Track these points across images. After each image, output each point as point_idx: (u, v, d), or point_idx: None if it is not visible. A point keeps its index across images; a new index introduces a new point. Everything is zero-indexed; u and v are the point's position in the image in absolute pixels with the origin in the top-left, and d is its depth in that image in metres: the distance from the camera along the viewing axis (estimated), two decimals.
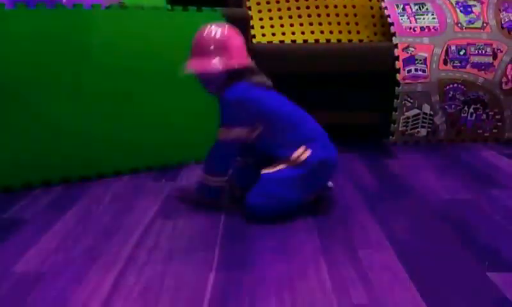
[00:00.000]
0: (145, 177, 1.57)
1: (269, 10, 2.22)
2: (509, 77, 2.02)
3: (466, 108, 2.03)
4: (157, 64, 1.55)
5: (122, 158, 1.57)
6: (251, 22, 2.14)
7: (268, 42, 2.12)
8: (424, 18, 2.08)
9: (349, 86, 2.10)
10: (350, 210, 1.31)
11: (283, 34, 2.15)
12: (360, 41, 2.19)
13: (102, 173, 1.54)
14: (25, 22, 1.35)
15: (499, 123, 2.06)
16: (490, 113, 2.05)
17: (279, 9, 2.22)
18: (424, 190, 1.46)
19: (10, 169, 1.40)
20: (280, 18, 2.20)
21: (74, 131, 1.46)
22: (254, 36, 2.13)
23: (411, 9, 2.11)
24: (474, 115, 2.04)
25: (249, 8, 2.18)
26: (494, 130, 2.07)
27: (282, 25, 2.18)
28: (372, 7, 2.27)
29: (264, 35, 2.15)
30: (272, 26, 2.17)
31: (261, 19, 2.19)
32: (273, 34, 2.15)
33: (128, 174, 1.58)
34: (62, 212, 1.26)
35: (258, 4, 2.21)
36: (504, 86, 2.02)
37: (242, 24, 1.67)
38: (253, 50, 1.94)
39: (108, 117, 1.51)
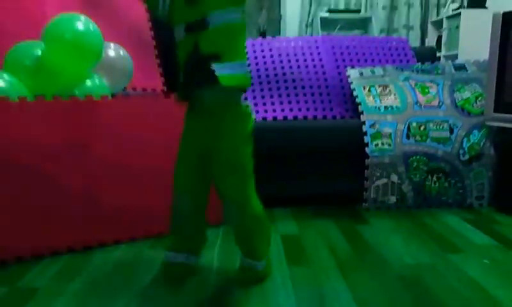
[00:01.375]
0: (142, 245, 1.73)
1: (253, 90, 2.50)
2: (466, 149, 2.29)
3: (429, 177, 2.28)
4: (154, 143, 1.77)
5: (121, 228, 1.74)
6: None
7: None
8: (387, 99, 2.37)
9: (325, 158, 2.33)
10: (324, 275, 1.49)
11: (266, 111, 2.41)
12: (333, 117, 2.46)
13: (103, 242, 1.70)
14: (44, 111, 1.56)
15: (461, 191, 2.30)
16: (452, 181, 2.29)
17: (262, 89, 2.50)
18: (391, 255, 1.65)
19: (22, 240, 1.56)
20: (263, 97, 2.48)
21: (80, 205, 1.64)
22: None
23: (376, 91, 2.41)
24: (437, 183, 2.29)
25: None
26: (457, 197, 2.30)
27: (264, 104, 2.45)
28: (343, 87, 2.57)
29: None
30: (255, 104, 2.44)
31: (246, 98, 2.46)
32: (257, 112, 2.41)
33: (127, 243, 1.74)
34: (70, 281, 1.42)
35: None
36: (461, 158, 2.28)
37: None
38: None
39: (110, 191, 1.70)
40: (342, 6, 4.46)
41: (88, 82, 1.71)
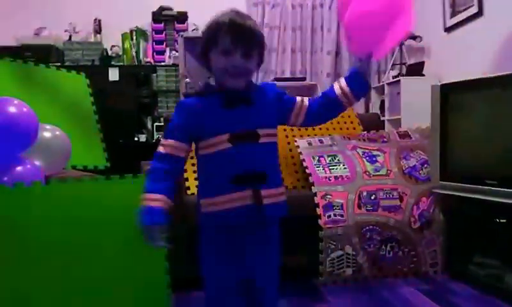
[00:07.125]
0: None
1: (193, 164, 2.42)
2: (416, 217, 2.30)
3: (383, 247, 2.26)
4: (98, 230, 1.60)
5: None
6: (186, 175, 2.33)
7: None
8: (336, 168, 2.38)
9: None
10: None
11: None
12: (286, 188, 2.41)
13: None
14: None
15: (415, 259, 2.28)
16: (405, 250, 2.28)
17: None
18: None
19: None
20: None
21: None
22: (188, 188, 2.30)
23: (325, 161, 2.42)
24: (391, 252, 2.26)
25: None
26: (411, 266, 2.28)
27: None
28: (293, 157, 2.56)
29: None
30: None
31: (195, 172, 2.38)
32: None
33: None
34: None
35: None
36: (412, 225, 2.29)
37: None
38: (187, 203, 2.10)
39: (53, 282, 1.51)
40: (287, 74, 4.61)
41: (19, 168, 1.57)
